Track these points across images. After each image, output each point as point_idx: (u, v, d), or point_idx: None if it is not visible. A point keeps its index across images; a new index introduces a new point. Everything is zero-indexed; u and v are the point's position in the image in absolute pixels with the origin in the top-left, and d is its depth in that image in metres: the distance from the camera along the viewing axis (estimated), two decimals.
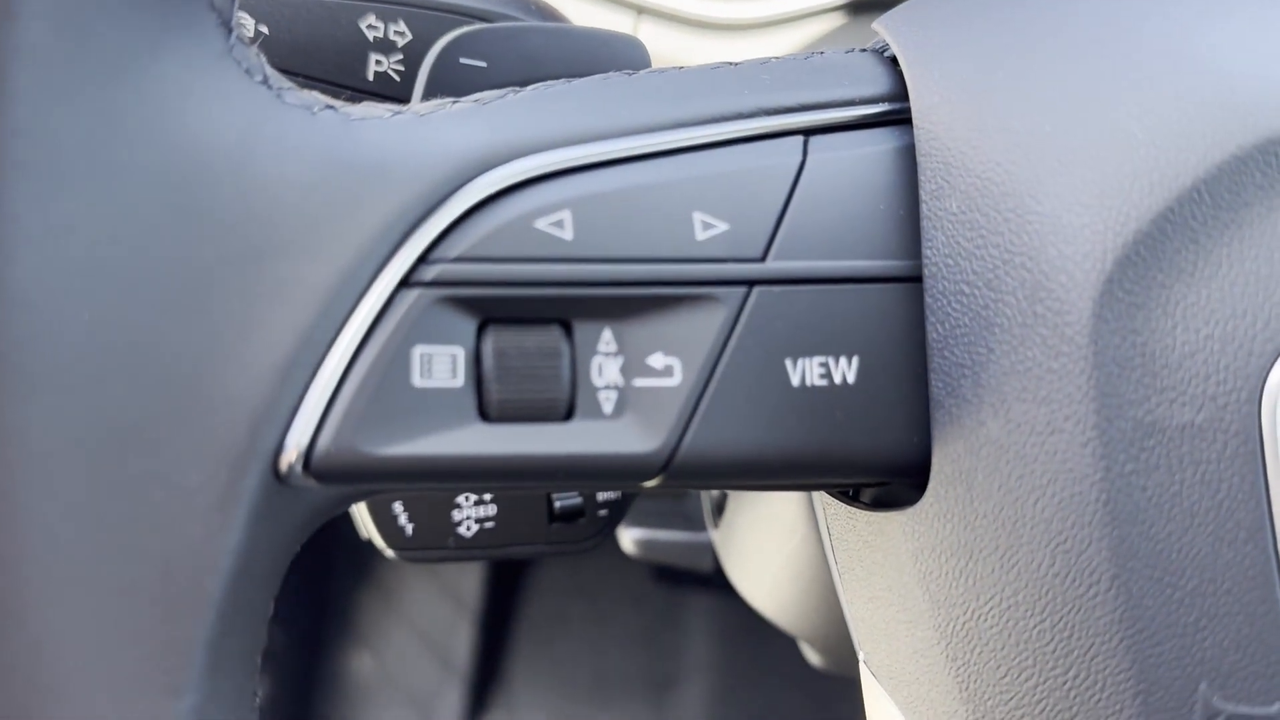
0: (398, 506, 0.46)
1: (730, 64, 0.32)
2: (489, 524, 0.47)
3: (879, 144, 0.30)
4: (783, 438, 0.28)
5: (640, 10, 0.63)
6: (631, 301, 0.28)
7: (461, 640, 1.34)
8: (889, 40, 0.32)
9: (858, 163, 0.30)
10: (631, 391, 0.28)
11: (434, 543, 0.47)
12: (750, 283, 0.28)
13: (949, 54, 0.31)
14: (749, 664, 1.27)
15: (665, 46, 0.63)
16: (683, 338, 0.28)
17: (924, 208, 0.29)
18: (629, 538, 0.74)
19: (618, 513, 0.50)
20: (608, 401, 0.28)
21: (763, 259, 0.28)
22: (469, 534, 0.47)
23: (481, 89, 0.32)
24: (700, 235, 0.28)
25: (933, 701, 0.31)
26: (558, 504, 0.48)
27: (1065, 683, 0.27)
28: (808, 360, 0.28)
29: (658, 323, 0.28)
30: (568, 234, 0.27)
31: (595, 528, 0.49)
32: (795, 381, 0.28)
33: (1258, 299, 0.26)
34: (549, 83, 0.31)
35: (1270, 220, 0.26)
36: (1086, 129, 0.27)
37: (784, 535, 0.58)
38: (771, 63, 0.32)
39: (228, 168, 0.25)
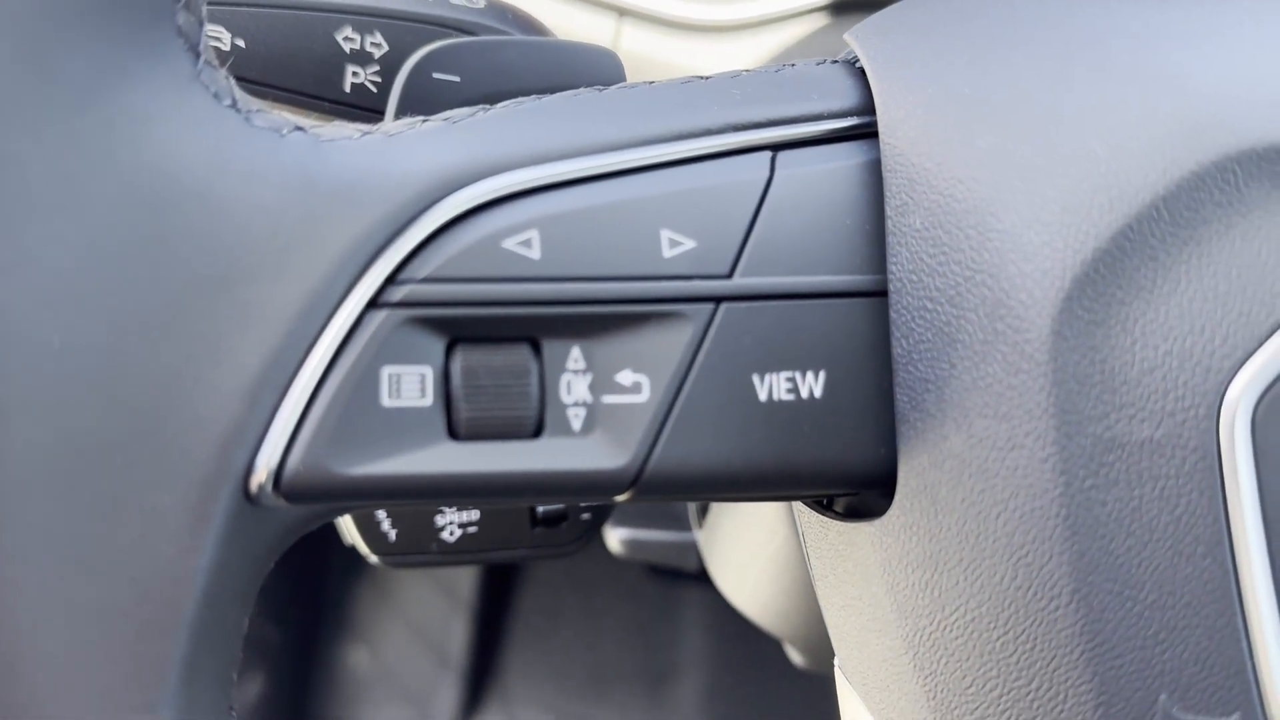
0: (380, 512, 0.47)
1: (701, 78, 0.33)
2: (472, 529, 0.47)
3: (846, 159, 0.30)
4: (750, 452, 0.29)
5: (622, 12, 0.63)
6: (600, 319, 0.28)
7: (457, 635, 1.34)
8: (859, 52, 0.32)
9: (825, 178, 0.30)
10: (600, 408, 0.28)
11: (417, 548, 0.47)
12: (717, 299, 0.29)
13: (917, 68, 0.31)
14: (744, 657, 1.28)
15: (647, 49, 0.63)
16: (651, 355, 0.28)
17: (889, 223, 0.29)
18: (615, 537, 0.74)
19: (601, 516, 0.50)
20: (576, 418, 0.28)
21: (730, 276, 0.29)
22: (452, 539, 0.47)
23: (455, 103, 0.32)
24: (667, 253, 0.28)
25: (902, 708, 0.31)
26: (540, 509, 0.48)
27: (1029, 693, 0.28)
28: (775, 375, 0.29)
29: (626, 340, 0.28)
30: (535, 253, 0.28)
31: (578, 531, 0.49)
32: (763, 396, 0.29)
33: (1216, 315, 0.26)
34: (519, 99, 0.31)
35: (1228, 237, 0.26)
36: (1048, 146, 0.28)
37: (765, 538, 0.58)
38: (742, 76, 0.32)
39: (195, 192, 0.26)
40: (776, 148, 0.30)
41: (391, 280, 0.27)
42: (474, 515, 0.47)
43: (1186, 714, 0.26)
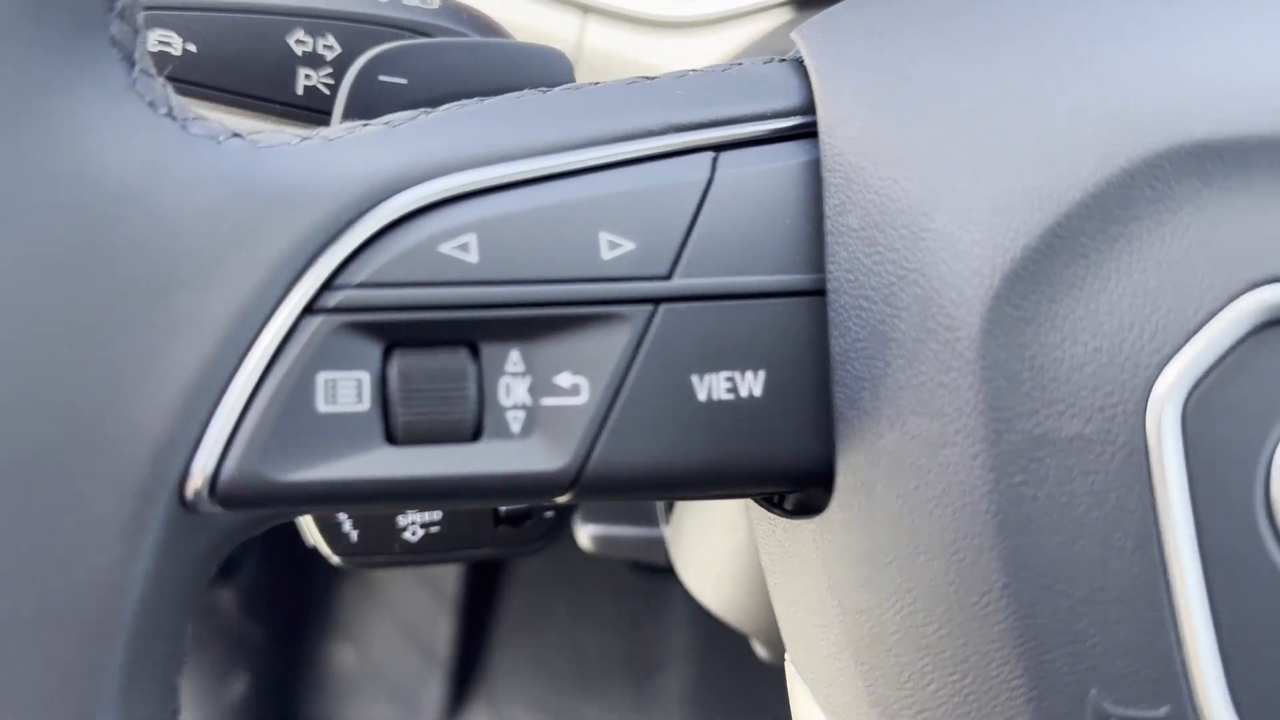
0: (341, 514, 0.47)
1: (646, 78, 0.33)
2: (435, 529, 0.48)
3: (788, 158, 0.30)
4: (690, 451, 0.29)
5: (586, 9, 0.63)
6: (538, 322, 0.28)
7: (442, 631, 1.34)
8: (803, 51, 0.32)
9: (766, 178, 0.30)
10: (539, 410, 0.28)
11: (380, 549, 0.47)
12: (656, 300, 0.29)
13: (858, 67, 0.31)
14: (729, 651, 1.28)
15: (612, 45, 0.63)
16: (590, 356, 0.28)
17: (828, 223, 0.29)
18: (585, 534, 0.74)
19: (566, 513, 0.50)
20: (515, 421, 0.28)
21: (669, 277, 0.29)
22: (415, 539, 0.47)
23: (403, 105, 0.32)
24: (606, 255, 0.29)
25: (846, 703, 0.32)
26: (503, 508, 0.48)
27: (964, 688, 0.28)
28: (714, 375, 0.29)
29: (565, 342, 0.28)
30: (473, 256, 0.28)
31: (542, 529, 0.50)
32: (701, 396, 0.29)
33: (1144, 311, 0.26)
34: (461, 102, 0.31)
35: (1159, 234, 0.26)
36: (981, 145, 0.28)
37: (728, 533, 0.58)
38: (687, 76, 0.33)
39: (130, 201, 0.26)
40: (719, 148, 0.30)
41: (327, 286, 0.27)
42: (436, 515, 0.48)
43: (1117, 708, 0.27)
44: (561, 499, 0.29)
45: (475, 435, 0.28)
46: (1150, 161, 0.26)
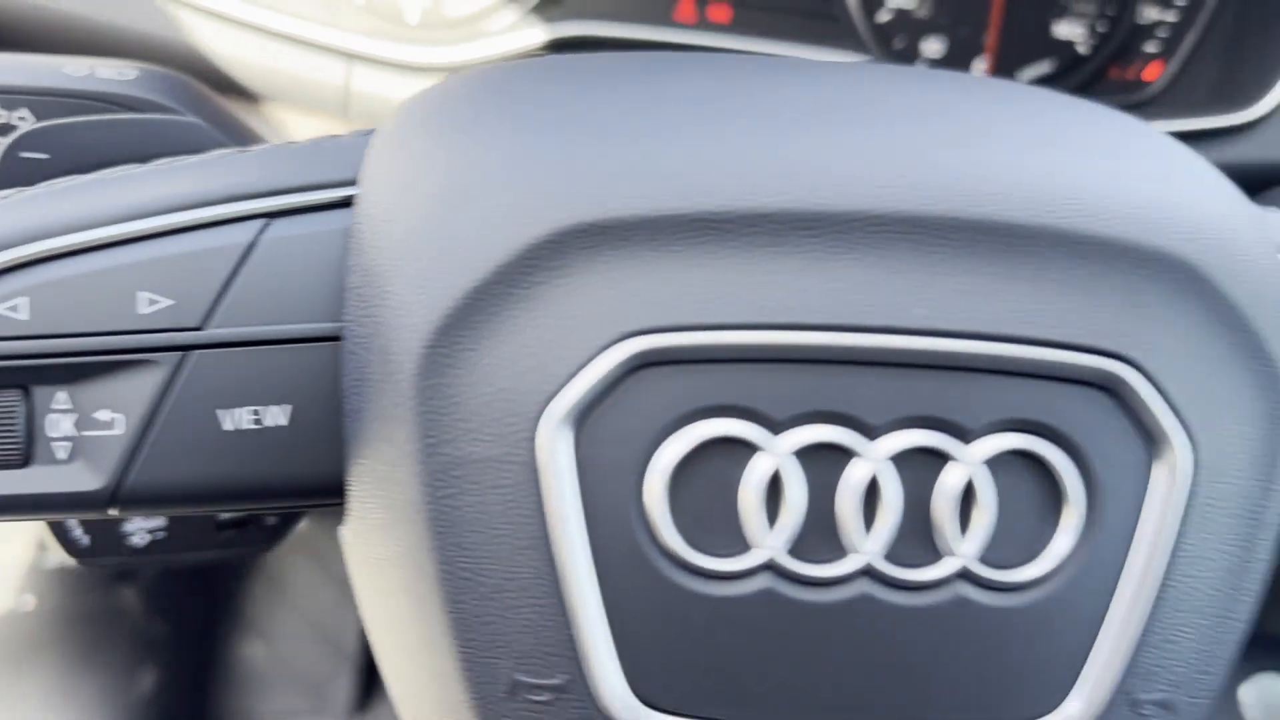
0: (71, 520, 0.53)
1: (241, 150, 0.39)
2: (160, 534, 0.54)
3: (332, 224, 0.36)
4: (217, 472, 0.35)
5: (351, 57, 0.69)
6: (82, 367, 0.34)
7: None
8: (388, 124, 0.38)
9: (309, 241, 0.36)
10: (83, 440, 0.34)
11: (109, 551, 0.53)
12: (186, 348, 0.35)
13: (404, 143, 0.37)
14: None
15: (377, 89, 0.69)
16: (127, 396, 0.35)
17: (345, 281, 0.36)
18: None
19: (289, 519, 0.56)
20: (62, 450, 0.34)
21: (201, 328, 0.35)
22: (142, 543, 0.54)
23: (45, 179, 0.39)
24: (144, 310, 0.35)
25: (391, 690, 0.38)
26: (222, 514, 0.55)
27: (428, 666, 0.34)
28: (241, 409, 0.35)
29: (106, 384, 0.35)
30: (24, 315, 0.34)
31: (266, 534, 0.56)
32: (227, 426, 0.35)
33: (539, 359, 0.32)
34: (54, 181, 0.37)
35: (554, 295, 0.32)
36: (436, 223, 0.34)
37: None
38: (280, 148, 0.39)
39: None
40: (273, 215, 0.36)
41: None
42: (161, 521, 0.54)
43: (525, 677, 0.33)
44: (112, 512, 0.35)
45: (25, 462, 0.34)
46: (552, 239, 0.32)
